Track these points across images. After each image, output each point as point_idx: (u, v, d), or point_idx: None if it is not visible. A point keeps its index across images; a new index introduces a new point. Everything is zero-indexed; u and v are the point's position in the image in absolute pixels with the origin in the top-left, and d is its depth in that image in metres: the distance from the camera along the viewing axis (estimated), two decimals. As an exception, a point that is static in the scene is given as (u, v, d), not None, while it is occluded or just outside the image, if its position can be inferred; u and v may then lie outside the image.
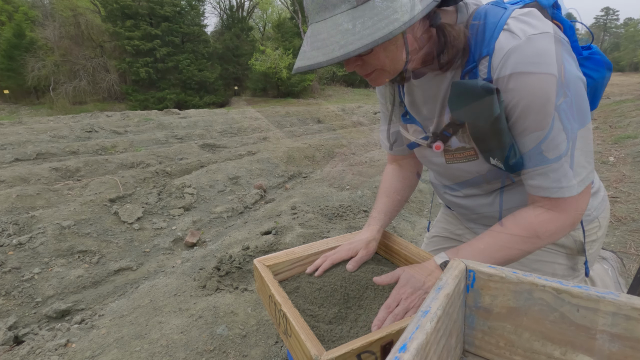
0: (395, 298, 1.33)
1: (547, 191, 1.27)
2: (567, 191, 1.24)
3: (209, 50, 42.67)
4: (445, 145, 1.48)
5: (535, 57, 1.14)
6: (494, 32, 1.21)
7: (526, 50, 1.15)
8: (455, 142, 1.44)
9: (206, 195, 6.73)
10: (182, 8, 41.11)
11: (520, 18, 1.21)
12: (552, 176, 1.25)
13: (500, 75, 1.20)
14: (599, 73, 1.48)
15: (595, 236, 1.61)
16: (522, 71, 1.16)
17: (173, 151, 10.08)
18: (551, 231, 1.30)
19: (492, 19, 1.24)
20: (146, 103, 36.63)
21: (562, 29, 1.44)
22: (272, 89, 43.96)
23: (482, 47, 1.24)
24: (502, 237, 1.34)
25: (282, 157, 9.10)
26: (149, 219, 5.76)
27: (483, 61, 1.24)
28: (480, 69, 1.25)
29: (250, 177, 7.77)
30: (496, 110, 1.19)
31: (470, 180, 1.57)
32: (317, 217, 5.11)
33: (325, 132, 14.21)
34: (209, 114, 18.54)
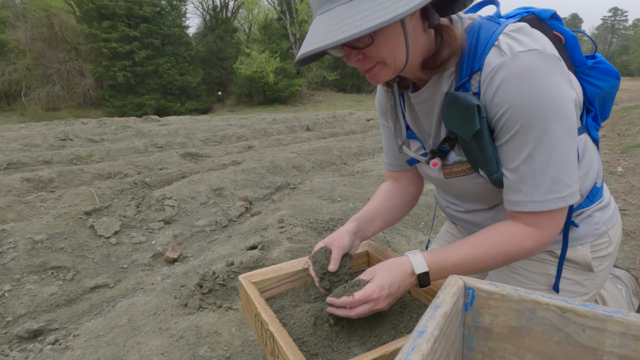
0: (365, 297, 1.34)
1: (519, 205, 1.35)
2: (539, 205, 1.31)
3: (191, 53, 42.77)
4: (443, 160, 1.56)
5: (519, 73, 1.22)
6: (485, 48, 1.30)
7: (511, 67, 1.23)
8: (453, 156, 1.52)
9: (188, 208, 6.71)
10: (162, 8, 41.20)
11: (510, 34, 1.30)
12: (525, 190, 1.32)
13: (486, 91, 1.30)
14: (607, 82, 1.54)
15: (605, 252, 1.62)
16: (506, 87, 1.24)
17: (153, 161, 10.05)
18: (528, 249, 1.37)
19: (485, 35, 1.33)
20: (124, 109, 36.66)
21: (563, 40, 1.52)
22: (258, 94, 44.02)
23: (474, 62, 1.34)
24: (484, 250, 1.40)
25: (268, 167, 9.10)
26: (127, 232, 5.73)
27: (475, 76, 1.33)
28: (472, 83, 1.34)
29: (234, 189, 7.76)
30: (476, 124, 1.29)
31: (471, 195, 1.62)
32: (306, 231, 5.11)
33: (314, 141, 14.22)
34: (191, 121, 18.53)
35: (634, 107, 19.63)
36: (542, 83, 1.21)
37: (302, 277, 1.73)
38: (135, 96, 38.39)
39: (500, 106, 1.26)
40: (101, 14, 36.51)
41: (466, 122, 1.31)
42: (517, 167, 1.31)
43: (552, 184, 1.28)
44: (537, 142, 1.25)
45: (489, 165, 1.36)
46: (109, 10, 36.32)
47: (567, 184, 1.28)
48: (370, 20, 1.13)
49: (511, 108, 1.24)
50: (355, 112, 24.48)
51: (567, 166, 1.28)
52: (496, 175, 1.37)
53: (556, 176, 1.27)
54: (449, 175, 1.57)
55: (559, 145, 1.25)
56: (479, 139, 1.33)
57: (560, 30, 1.53)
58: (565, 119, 1.25)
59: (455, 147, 1.50)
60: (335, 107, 37.58)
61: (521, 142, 1.27)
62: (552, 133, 1.24)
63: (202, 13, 55.65)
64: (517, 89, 1.22)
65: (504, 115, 1.27)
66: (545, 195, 1.29)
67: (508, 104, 1.24)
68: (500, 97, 1.26)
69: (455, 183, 1.58)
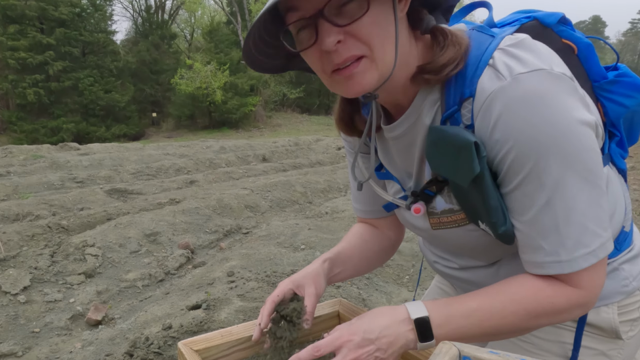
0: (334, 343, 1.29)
1: (542, 267, 1.27)
2: (568, 266, 1.22)
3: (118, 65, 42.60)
4: (428, 207, 1.51)
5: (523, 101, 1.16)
6: (477, 68, 1.24)
7: (512, 93, 1.17)
8: (441, 203, 1.47)
9: (115, 258, 6.69)
10: (82, 9, 40.91)
11: (507, 50, 1.23)
12: (547, 248, 1.24)
13: (483, 124, 1.23)
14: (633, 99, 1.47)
15: (637, 314, 1.55)
16: (508, 120, 1.18)
17: (71, 199, 9.98)
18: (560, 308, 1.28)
19: (475, 52, 1.28)
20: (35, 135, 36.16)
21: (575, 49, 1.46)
22: (202, 116, 43.90)
23: (464, 86, 1.27)
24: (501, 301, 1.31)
25: (215, 206, 9.12)
26: (39, 288, 5.69)
27: (466, 104, 1.27)
28: (463, 113, 1.29)
29: (173, 234, 7.76)
30: (475, 168, 1.21)
31: (466, 249, 1.58)
32: (262, 287, 5.14)
33: (272, 174, 14.28)
34: (119, 149, 18.44)
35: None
36: (554, 110, 1.14)
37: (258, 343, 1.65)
38: (49, 118, 37.94)
39: (503, 143, 1.20)
40: (7, 16, 36.14)
41: (461, 165, 1.23)
42: (533, 219, 1.23)
43: (580, 236, 1.20)
44: (556, 185, 1.18)
45: (494, 217, 1.28)
46: (17, 12, 35.97)
47: (596, 233, 1.20)
48: None
49: (517, 145, 1.17)
50: (323, 138, 24.57)
51: (595, 211, 1.21)
52: (504, 229, 1.29)
53: (583, 225, 1.19)
54: (436, 226, 1.51)
55: (583, 186, 1.19)
56: (479, 185, 1.25)
57: (571, 38, 1.46)
58: (588, 152, 1.18)
59: (444, 192, 1.44)
60: (299, 132, 37.68)
61: (535, 187, 1.20)
62: (573, 172, 1.17)
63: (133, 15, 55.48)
64: (522, 121, 1.15)
65: (509, 154, 1.20)
66: (573, 252, 1.20)
67: (512, 140, 1.18)
68: (501, 132, 1.19)
69: (446, 235, 1.52)
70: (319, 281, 1.65)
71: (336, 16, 1.19)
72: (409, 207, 1.52)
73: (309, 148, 21.07)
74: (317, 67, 1.31)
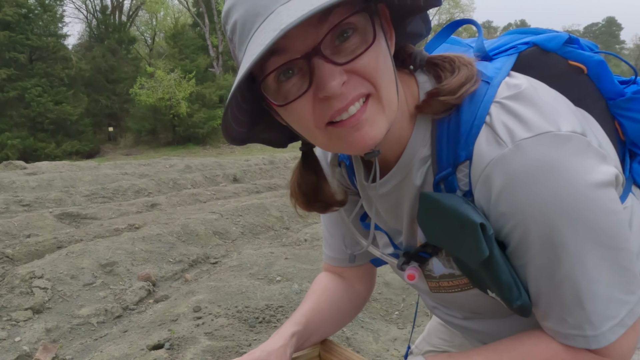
0: None
1: (567, 339, 1.25)
2: (595, 341, 1.20)
3: (70, 73, 42.49)
4: (424, 269, 1.48)
5: (528, 174, 1.12)
6: (472, 127, 1.21)
7: (515, 164, 1.13)
8: (439, 267, 1.44)
9: (66, 291, 6.66)
10: (29, 10, 40.73)
11: (507, 106, 1.19)
12: (571, 322, 1.21)
13: (483, 194, 1.20)
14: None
15: None
16: (513, 194, 1.14)
17: (17, 224, 9.94)
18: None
19: (468, 105, 1.24)
20: (-24, 152, 35.94)
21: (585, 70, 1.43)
22: (165, 130, 43.81)
23: (458, 147, 1.24)
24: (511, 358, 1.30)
25: (179, 233, 9.12)
26: (-22, 327, 5.67)
27: (462, 167, 1.24)
28: (459, 177, 1.26)
29: (132, 264, 7.75)
30: (484, 251, 1.16)
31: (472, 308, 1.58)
32: (232, 324, 5.15)
33: (244, 196, 14.31)
34: (71, 168, 18.39)
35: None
36: (566, 180, 1.10)
37: None
38: (-10, 133, 37.88)
39: (509, 217, 1.17)
40: (-57, 18, 36.17)
41: (465, 245, 1.20)
42: (552, 293, 1.21)
43: (606, 309, 1.17)
44: (575, 258, 1.14)
45: (507, 292, 1.24)
46: (-46, 13, 36.00)
47: (623, 301, 1.18)
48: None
49: (526, 220, 1.14)
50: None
51: (622, 278, 1.18)
52: (519, 303, 1.25)
53: (609, 296, 1.17)
54: (436, 289, 1.51)
55: (606, 254, 1.15)
56: (488, 265, 1.21)
57: (579, 58, 1.43)
58: (608, 217, 1.14)
59: (442, 255, 1.41)
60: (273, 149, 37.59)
61: (551, 261, 1.16)
62: (594, 242, 1.13)
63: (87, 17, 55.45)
64: (530, 195, 1.12)
65: (517, 228, 1.17)
66: (600, 327, 1.18)
67: (520, 214, 1.14)
68: (506, 206, 1.16)
69: (449, 298, 1.53)
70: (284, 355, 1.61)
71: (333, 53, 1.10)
72: (401, 268, 1.49)
73: (286, 167, 21.14)
74: (305, 122, 1.18)
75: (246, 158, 23.46)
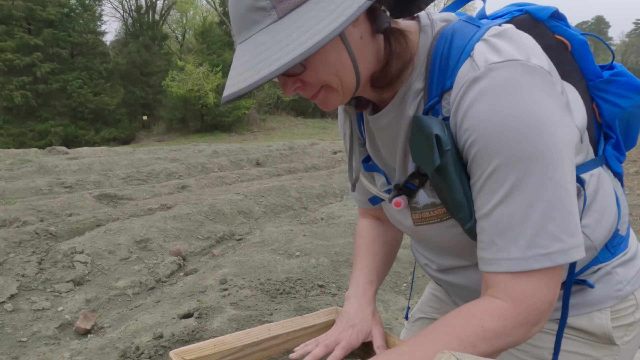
0: None
1: (492, 264, 1.24)
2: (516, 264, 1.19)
3: (108, 67, 42.50)
4: (411, 202, 1.50)
5: (490, 91, 1.16)
6: (459, 60, 1.25)
7: (482, 83, 1.17)
8: (424, 197, 1.46)
9: (104, 265, 6.68)
10: (71, 9, 40.73)
11: (490, 41, 1.24)
12: (499, 244, 1.21)
13: (456, 114, 1.24)
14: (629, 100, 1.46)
15: (632, 318, 1.53)
16: (476, 110, 1.18)
17: (59, 204, 9.96)
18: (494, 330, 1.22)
19: (459, 42, 1.28)
20: (22, 139, 36.06)
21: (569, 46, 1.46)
22: (194, 119, 43.78)
23: (446, 77, 1.28)
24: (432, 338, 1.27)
25: (207, 212, 9.12)
26: (26, 296, 5.68)
27: (446, 95, 1.28)
28: (443, 105, 1.30)
29: (164, 240, 7.76)
30: (435, 160, 1.23)
31: (446, 248, 1.58)
32: (255, 295, 5.13)
33: (266, 179, 14.28)
34: (109, 153, 18.41)
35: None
36: (523, 105, 1.14)
37: (252, 353, 1.65)
38: (37, 122, 37.83)
39: (470, 133, 1.20)
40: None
41: (426, 155, 1.26)
42: (490, 214, 1.22)
43: (535, 236, 1.16)
44: (517, 180, 1.16)
45: (460, 212, 1.29)
46: (4, 12, 35.91)
47: (556, 236, 1.16)
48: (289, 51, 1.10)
49: (482, 137, 1.18)
50: (319, 142, 24.56)
51: (559, 213, 1.16)
52: (469, 225, 1.29)
53: (541, 225, 1.16)
54: (418, 221, 1.51)
55: (547, 185, 1.15)
56: (443, 178, 1.27)
57: (565, 34, 1.45)
58: (556, 153, 1.16)
59: (427, 186, 1.43)
60: (293, 135, 37.64)
61: (497, 180, 1.18)
62: (537, 169, 1.15)
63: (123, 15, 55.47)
64: (489, 111, 1.15)
65: (474, 145, 1.20)
66: (525, 251, 1.17)
67: (478, 131, 1.18)
68: (469, 121, 1.20)
69: (427, 231, 1.52)
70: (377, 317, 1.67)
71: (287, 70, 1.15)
72: (390, 200, 1.53)
73: (304, 152, 21.04)
74: None
75: (268, 144, 23.37)
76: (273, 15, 1.15)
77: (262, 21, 1.16)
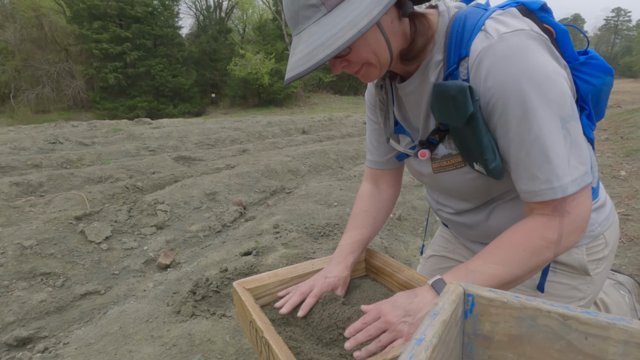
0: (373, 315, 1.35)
1: (539, 195, 1.29)
2: (560, 191, 1.25)
3: (183, 55, 42.74)
4: (432, 153, 1.56)
5: (507, 54, 1.22)
6: (472, 34, 1.31)
7: (498, 48, 1.23)
8: (442, 149, 1.52)
9: (181, 213, 6.71)
10: (154, 8, 41.13)
11: (497, 18, 1.31)
12: (541, 178, 1.27)
13: (476, 76, 1.29)
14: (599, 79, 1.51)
15: (602, 254, 1.61)
16: (496, 70, 1.23)
17: (145, 164, 10.04)
18: (554, 239, 1.29)
19: (471, 21, 1.34)
20: (115, 112, 36.55)
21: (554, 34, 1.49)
22: (252, 96, 43.99)
23: (461, 48, 1.34)
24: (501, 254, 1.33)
25: (263, 171, 9.10)
26: (118, 238, 5.72)
27: (463, 62, 1.34)
28: (461, 70, 1.35)
29: (228, 193, 7.76)
30: (469, 107, 1.26)
31: (460, 191, 1.61)
32: (301, 237, 5.11)
33: (310, 144, 14.23)
34: (184, 123, 18.48)
35: (637, 109, 19.62)
36: (534, 61, 1.21)
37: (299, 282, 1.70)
38: (126, 98, 38.33)
39: (494, 92, 1.26)
40: (92, 14, 36.47)
41: (458, 108, 1.29)
42: (527, 153, 1.26)
43: (566, 166, 1.24)
44: (543, 123, 1.22)
45: (486, 154, 1.33)
46: (100, 11, 36.29)
47: (576, 166, 1.25)
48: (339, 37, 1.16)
49: (505, 92, 1.24)
50: (352, 114, 24.44)
51: (576, 145, 1.25)
52: (494, 165, 1.33)
53: (567, 157, 1.24)
54: (437, 169, 1.57)
55: (565, 124, 1.24)
56: (473, 125, 1.30)
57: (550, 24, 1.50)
58: (565, 96, 1.24)
59: (445, 140, 1.50)
60: (332, 109, 37.59)
61: (525, 126, 1.24)
62: (555, 112, 1.22)
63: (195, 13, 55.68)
64: (507, 70, 1.22)
65: (499, 100, 1.26)
66: (563, 178, 1.24)
67: (501, 88, 1.24)
68: (492, 80, 1.25)
69: (445, 178, 1.58)
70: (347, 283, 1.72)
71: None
72: (416, 154, 1.58)
73: (341, 122, 20.98)
74: None
75: (312, 116, 23.26)
76: (322, 10, 1.22)
77: (313, 16, 1.24)
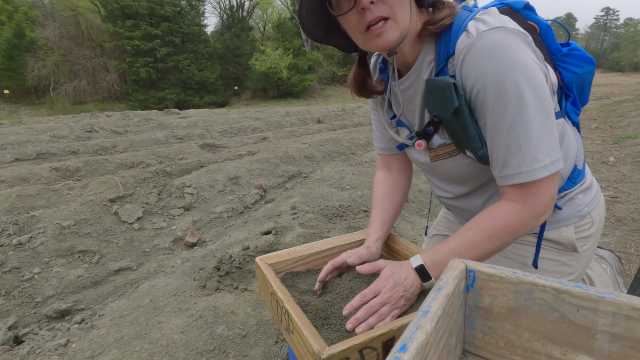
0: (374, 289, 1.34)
1: (509, 179, 1.31)
2: (527, 176, 1.26)
3: (209, 50, 42.74)
4: (428, 143, 1.57)
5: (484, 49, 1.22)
6: (458, 34, 1.32)
7: (477, 45, 1.24)
8: (437, 139, 1.53)
9: (206, 195, 6.72)
10: (182, 8, 41.18)
11: (478, 18, 1.31)
12: (514, 163, 1.27)
13: (460, 72, 1.30)
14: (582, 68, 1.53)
15: (588, 232, 1.62)
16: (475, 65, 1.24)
17: (173, 151, 10.07)
18: (513, 226, 1.32)
19: (457, 22, 1.35)
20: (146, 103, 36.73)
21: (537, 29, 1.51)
22: (272, 89, 43.99)
23: (449, 47, 1.35)
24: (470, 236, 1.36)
25: (282, 157, 9.09)
26: (149, 218, 5.75)
27: (450, 60, 1.35)
28: (449, 67, 1.36)
29: (250, 177, 7.77)
30: (454, 102, 1.28)
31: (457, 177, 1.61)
32: (317, 217, 5.11)
33: (325, 132, 14.20)
34: (209, 114, 18.53)
35: (624, 100, 19.47)
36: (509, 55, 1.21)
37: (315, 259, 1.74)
38: (156, 90, 38.45)
39: (473, 84, 1.27)
40: (125, 14, 36.58)
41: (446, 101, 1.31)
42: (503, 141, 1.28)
43: (536, 153, 1.24)
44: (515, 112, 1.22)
45: (473, 143, 1.35)
46: (132, 10, 36.38)
47: (548, 152, 1.25)
48: None
49: (484, 84, 1.24)
50: (363, 105, 24.39)
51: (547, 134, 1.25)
52: (481, 152, 1.35)
53: (538, 145, 1.24)
54: (434, 158, 1.58)
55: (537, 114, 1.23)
56: (459, 117, 1.32)
57: (534, 20, 1.52)
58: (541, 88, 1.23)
59: (440, 130, 1.51)
60: (345, 101, 37.44)
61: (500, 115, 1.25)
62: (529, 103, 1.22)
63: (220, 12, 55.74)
64: (485, 64, 1.22)
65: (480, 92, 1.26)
66: (531, 165, 1.25)
67: (480, 80, 1.24)
68: (471, 75, 1.26)
69: (442, 165, 1.58)
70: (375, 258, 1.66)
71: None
72: (413, 144, 1.62)
73: (353, 113, 20.94)
74: (353, 26, 1.35)
75: (326, 107, 23.24)
76: None
77: None
